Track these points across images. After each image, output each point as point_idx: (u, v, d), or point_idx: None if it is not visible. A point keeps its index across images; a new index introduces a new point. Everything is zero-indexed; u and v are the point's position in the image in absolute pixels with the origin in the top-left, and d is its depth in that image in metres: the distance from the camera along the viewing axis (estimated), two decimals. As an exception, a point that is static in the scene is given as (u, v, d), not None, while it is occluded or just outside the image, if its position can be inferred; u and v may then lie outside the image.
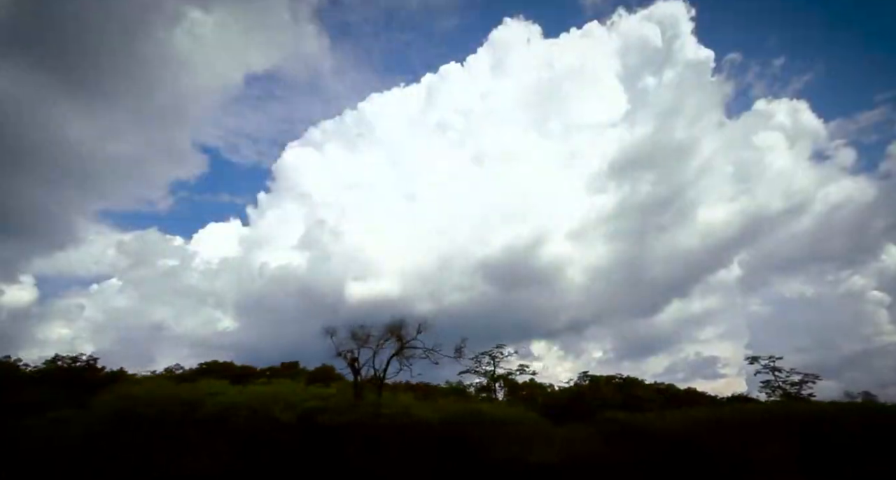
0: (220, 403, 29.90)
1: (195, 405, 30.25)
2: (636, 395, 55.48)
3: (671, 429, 38.32)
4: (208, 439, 28.40)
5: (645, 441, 37.88)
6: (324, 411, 31.04)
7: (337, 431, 30.01)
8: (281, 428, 29.39)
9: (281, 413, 29.71)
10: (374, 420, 30.72)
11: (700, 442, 36.68)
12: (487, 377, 55.16)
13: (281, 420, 29.20)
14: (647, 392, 58.75)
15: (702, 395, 67.90)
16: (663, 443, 37.55)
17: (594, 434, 38.05)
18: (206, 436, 28.47)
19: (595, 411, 43.50)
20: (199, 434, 28.69)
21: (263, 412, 29.64)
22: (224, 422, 28.97)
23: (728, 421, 38.40)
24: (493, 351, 53.83)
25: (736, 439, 36.15)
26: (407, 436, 30.01)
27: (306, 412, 31.04)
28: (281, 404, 30.43)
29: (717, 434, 36.92)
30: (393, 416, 30.67)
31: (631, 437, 38.30)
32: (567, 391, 60.41)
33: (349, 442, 29.57)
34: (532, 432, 33.33)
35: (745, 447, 34.82)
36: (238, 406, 29.62)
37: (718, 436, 36.71)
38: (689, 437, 37.39)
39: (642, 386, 61.21)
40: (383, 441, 29.41)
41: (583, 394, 55.27)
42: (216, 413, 29.42)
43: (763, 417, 38.37)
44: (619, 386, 58.44)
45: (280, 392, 33.53)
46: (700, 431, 37.68)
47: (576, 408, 50.73)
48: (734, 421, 38.30)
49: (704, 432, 37.59)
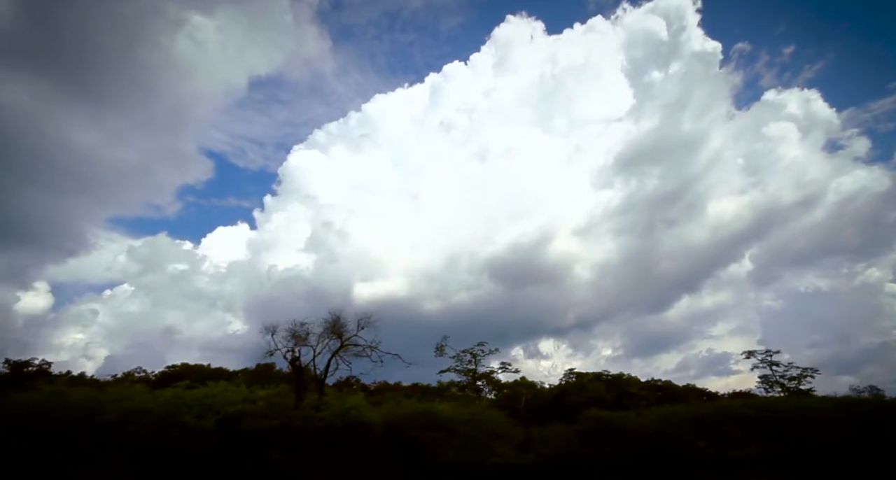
0: (119, 410, 25.43)
1: (92, 413, 25.78)
2: (630, 393, 52.49)
3: (647, 427, 36.01)
4: (101, 449, 23.96)
5: (619, 439, 35.59)
6: (251, 415, 26.92)
7: (261, 436, 25.92)
8: (194, 435, 25.09)
9: (194, 418, 25.42)
10: (306, 424, 26.74)
11: (673, 440, 34.44)
12: (468, 376, 52.50)
13: (190, 426, 24.90)
14: (640, 389, 55.69)
15: (702, 392, 64.79)
16: (637, 441, 35.26)
17: (571, 434, 35.56)
18: (99, 446, 24.03)
19: (579, 410, 40.86)
20: (92, 445, 24.24)
21: (172, 418, 25.29)
22: (122, 430, 24.53)
23: (706, 419, 36.19)
24: (474, 350, 51.40)
25: (711, 436, 34.01)
26: (342, 440, 26.15)
27: (230, 416, 26.86)
28: (195, 409, 26.12)
29: (691, 432, 34.79)
30: (327, 419, 26.74)
31: (606, 436, 35.99)
32: (553, 389, 57.71)
33: (273, 448, 25.50)
34: (492, 432, 29.86)
35: (719, 444, 32.37)
36: (140, 412, 25.20)
37: (693, 434, 34.58)
38: (663, 435, 35.22)
39: (635, 383, 58.29)
40: (312, 445, 25.51)
41: (565, 393, 52.47)
42: (115, 421, 24.96)
43: (742, 414, 36.10)
44: (610, 383, 55.50)
45: (208, 395, 29.12)
46: (674, 429, 35.58)
47: (559, 407, 48.28)
48: (712, 419, 36.10)
49: (678, 430, 35.43)
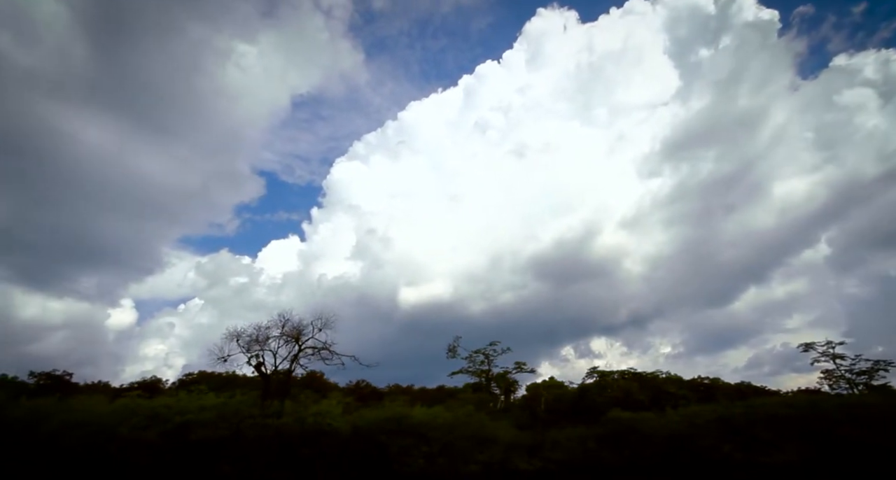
0: (58, 422, 23.19)
1: (31, 425, 23.67)
2: (668, 393, 46.60)
3: (665, 429, 31.63)
4: (38, 463, 21.81)
5: (639, 442, 31.72)
6: (202, 425, 24.25)
7: (209, 447, 23.19)
8: (133, 447, 22.59)
9: (134, 430, 22.91)
10: (261, 432, 23.84)
11: (695, 443, 29.99)
12: (482, 377, 49.77)
13: (128, 437, 22.38)
14: (679, 388, 49.13)
15: (757, 390, 56.48)
16: (656, 445, 30.96)
17: (588, 437, 32.09)
18: (36, 460, 21.89)
19: (603, 411, 37.08)
20: (29, 458, 22.11)
21: (111, 430, 22.84)
22: (58, 443, 22.29)
23: (735, 420, 31.27)
24: (486, 350, 48.63)
25: (740, 440, 29.17)
26: (300, 449, 23.09)
27: (178, 427, 24.26)
28: (136, 420, 23.59)
29: (716, 435, 30.04)
30: (281, 426, 23.72)
31: (626, 439, 32.12)
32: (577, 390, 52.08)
33: (222, 459, 22.73)
34: (474, 437, 26.22)
35: (749, 449, 27.51)
36: (75, 424, 22.86)
37: (718, 437, 29.84)
38: (684, 438, 30.77)
39: (675, 381, 52.25)
40: (265, 455, 22.59)
41: (586, 394, 47.60)
42: (52, 434, 22.74)
43: (776, 415, 30.93)
44: (645, 382, 49.83)
45: (161, 405, 26.68)
46: (697, 431, 30.90)
47: (581, 408, 44.09)
48: (742, 420, 31.17)
49: (701, 432, 30.73)
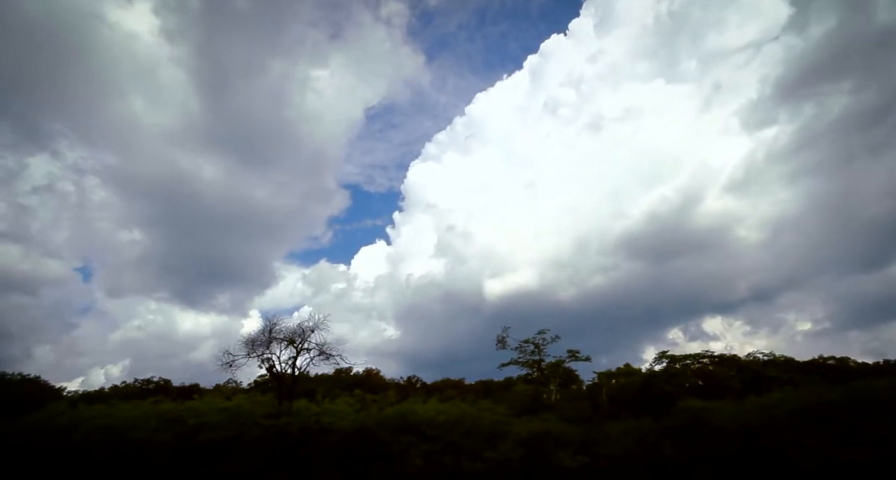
0: (90, 428, 24.24)
1: (69, 431, 24.99)
2: (770, 377, 39.05)
3: (734, 422, 26.70)
4: (73, 468, 22.97)
5: (710, 436, 27.07)
6: (210, 427, 24.21)
7: (216, 447, 23.02)
8: (146, 449, 22.99)
9: (147, 432, 23.30)
10: (263, 433, 23.26)
11: (772, 437, 25.07)
12: (533, 368, 46.74)
13: (140, 440, 22.78)
14: (784, 372, 40.35)
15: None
16: (727, 439, 26.20)
17: (649, 430, 28.06)
18: (72, 466, 23.07)
19: (675, 399, 33.03)
20: (66, 465, 23.36)
21: (125, 433, 23.41)
22: (86, 448, 23.29)
23: (824, 409, 25.57)
24: (535, 339, 44.98)
25: (829, 433, 23.57)
26: (303, 448, 22.18)
27: (191, 429, 24.42)
28: (151, 423, 24.03)
29: (800, 427, 24.66)
30: (283, 426, 22.91)
31: (695, 432, 27.60)
32: (642, 378, 45.58)
33: (226, 459, 22.45)
34: (486, 433, 23.69)
35: (840, 444, 22.04)
36: (99, 430, 23.68)
37: (803, 430, 24.44)
38: (759, 430, 25.71)
39: (783, 364, 43.61)
40: (269, 455, 21.98)
41: (652, 381, 41.95)
42: (84, 440, 23.79)
43: (879, 400, 24.80)
44: (742, 367, 42.92)
45: (179, 408, 27.24)
46: (776, 423, 25.69)
47: (648, 398, 39.00)
48: (834, 408, 25.37)
49: (781, 424, 25.45)
